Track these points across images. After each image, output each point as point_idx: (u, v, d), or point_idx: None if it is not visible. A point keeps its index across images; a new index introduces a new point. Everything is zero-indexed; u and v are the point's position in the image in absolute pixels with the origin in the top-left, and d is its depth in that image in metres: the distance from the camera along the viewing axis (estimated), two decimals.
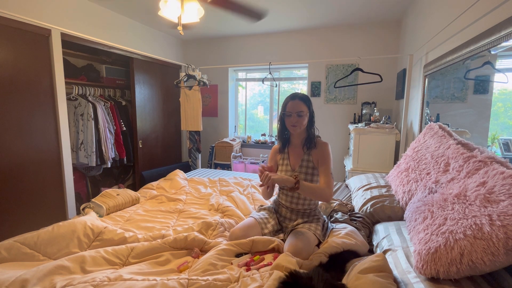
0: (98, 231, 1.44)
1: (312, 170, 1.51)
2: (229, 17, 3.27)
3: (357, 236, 1.35)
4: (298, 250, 1.24)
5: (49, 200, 2.62)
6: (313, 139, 1.54)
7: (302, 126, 1.50)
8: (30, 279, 1.02)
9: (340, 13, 3.14)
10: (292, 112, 1.48)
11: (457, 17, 1.67)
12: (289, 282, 0.89)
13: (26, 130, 2.41)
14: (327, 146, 1.52)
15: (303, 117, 1.48)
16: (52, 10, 2.57)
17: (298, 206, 1.53)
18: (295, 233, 1.37)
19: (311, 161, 1.52)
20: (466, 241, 0.82)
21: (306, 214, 1.53)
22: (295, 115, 1.47)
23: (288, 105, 1.50)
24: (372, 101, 3.42)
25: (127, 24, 3.38)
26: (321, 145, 1.53)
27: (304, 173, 1.51)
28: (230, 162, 3.95)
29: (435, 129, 1.60)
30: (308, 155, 1.53)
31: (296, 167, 1.54)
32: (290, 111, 1.48)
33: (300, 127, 1.50)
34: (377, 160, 2.70)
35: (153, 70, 3.78)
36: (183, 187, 2.35)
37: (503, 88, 1.48)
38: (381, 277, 0.93)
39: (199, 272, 1.12)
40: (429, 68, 2.07)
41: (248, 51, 4.10)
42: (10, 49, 2.27)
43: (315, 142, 1.53)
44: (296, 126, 1.48)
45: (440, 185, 1.19)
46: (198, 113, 3.64)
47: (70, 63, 3.19)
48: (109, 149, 3.23)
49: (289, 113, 1.48)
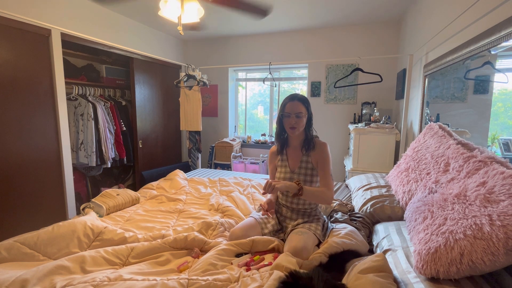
0: (98, 231, 1.44)
1: (311, 171, 1.51)
2: (229, 17, 3.27)
3: (357, 236, 1.35)
4: (298, 250, 1.24)
5: (49, 200, 2.62)
6: (311, 140, 1.53)
7: (301, 127, 1.50)
8: (30, 279, 1.02)
9: (340, 13, 3.14)
10: (291, 113, 1.47)
11: (457, 17, 1.67)
12: (289, 282, 0.89)
13: (26, 130, 2.41)
14: (326, 146, 1.52)
15: (301, 118, 1.47)
16: (52, 10, 2.57)
17: (298, 206, 1.53)
18: (295, 233, 1.37)
19: (310, 162, 1.52)
20: (466, 241, 0.82)
21: (307, 214, 1.53)
22: (293, 116, 1.46)
23: (287, 106, 1.49)
24: (372, 101, 3.42)
25: (127, 24, 3.38)
26: (320, 146, 1.52)
27: (304, 175, 1.51)
28: (230, 162, 3.95)
29: (435, 129, 1.60)
30: (307, 156, 1.53)
31: (295, 169, 1.53)
32: (289, 112, 1.47)
33: (299, 129, 1.49)
34: (377, 160, 2.70)
35: (153, 70, 3.78)
36: (183, 187, 2.35)
37: (503, 88, 1.48)
38: (381, 277, 0.93)
39: (199, 272, 1.12)
40: (429, 68, 2.07)
41: (248, 51, 4.10)
42: (10, 49, 2.27)
43: (313, 143, 1.53)
44: (294, 128, 1.48)
45: (440, 185, 1.19)
46: (198, 113, 3.64)
47: (70, 63, 3.19)
48: (109, 149, 3.23)
49: (287, 114, 1.48)
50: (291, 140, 1.59)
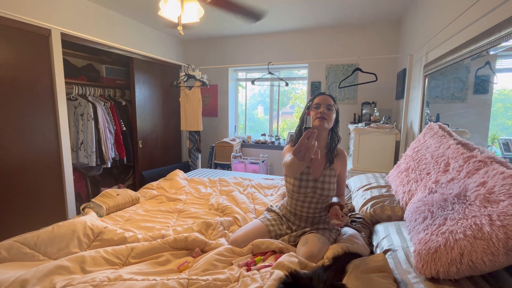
0: (98, 231, 1.44)
1: (333, 179, 1.44)
2: (229, 17, 3.27)
3: (358, 240, 1.34)
4: (314, 255, 1.21)
5: (49, 200, 2.62)
6: (336, 145, 1.46)
7: (330, 122, 1.38)
8: (30, 279, 1.02)
9: (340, 13, 3.14)
10: (321, 104, 1.37)
11: (457, 17, 1.67)
12: (289, 282, 0.89)
13: (26, 130, 2.41)
14: (345, 153, 1.53)
15: (331, 111, 1.38)
16: (52, 10, 2.57)
17: (315, 214, 1.47)
18: (313, 236, 1.33)
19: (333, 169, 1.44)
20: (466, 241, 0.82)
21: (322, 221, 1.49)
22: (324, 107, 1.36)
23: (316, 98, 1.40)
24: (372, 101, 3.42)
25: (127, 24, 3.38)
26: (342, 153, 1.50)
27: (328, 183, 1.42)
28: (230, 162, 3.95)
29: (435, 129, 1.60)
30: (331, 163, 1.44)
31: (319, 177, 1.42)
32: (319, 103, 1.37)
33: (328, 122, 1.37)
34: (377, 160, 2.70)
35: (153, 70, 3.78)
36: (183, 187, 2.35)
37: (503, 88, 1.48)
38: (381, 277, 0.93)
39: (199, 272, 1.11)
40: (429, 68, 2.07)
41: (248, 51, 4.10)
42: (10, 49, 2.27)
43: (337, 149, 1.47)
44: (324, 120, 1.34)
45: (440, 185, 1.19)
46: (198, 113, 3.64)
47: (70, 63, 3.19)
48: (109, 149, 3.23)
49: (317, 104, 1.37)
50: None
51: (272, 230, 1.47)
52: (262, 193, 2.32)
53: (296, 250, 1.32)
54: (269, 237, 1.44)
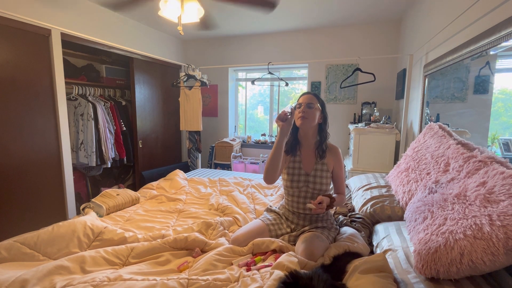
0: (98, 231, 1.44)
1: (326, 174, 1.48)
2: (229, 17, 3.28)
3: (358, 239, 1.34)
4: (315, 254, 1.22)
5: (49, 200, 2.62)
6: (324, 141, 1.51)
7: (311, 120, 1.45)
8: (30, 279, 1.02)
9: (340, 13, 3.14)
10: (302, 103, 1.45)
11: (457, 17, 1.67)
12: (289, 282, 0.89)
13: (26, 130, 2.41)
14: (339, 150, 1.54)
15: (313, 110, 1.44)
16: (52, 10, 2.57)
17: (306, 210, 1.48)
18: (308, 236, 1.33)
19: (325, 164, 1.49)
20: (466, 241, 0.82)
21: (319, 219, 1.50)
22: (304, 105, 1.44)
23: (300, 98, 1.49)
24: (372, 101, 3.42)
25: (127, 24, 3.38)
26: (334, 149, 1.52)
27: (319, 177, 1.47)
28: (230, 162, 3.94)
29: (435, 129, 1.60)
30: (322, 158, 1.50)
31: (311, 171, 1.48)
32: (301, 102, 1.46)
33: (309, 121, 1.44)
34: (377, 160, 2.70)
35: (153, 70, 3.78)
36: (183, 187, 2.35)
37: (503, 88, 1.48)
38: (381, 277, 0.92)
39: (199, 272, 1.11)
40: (429, 68, 2.07)
41: (248, 51, 4.10)
42: (10, 49, 2.27)
43: (326, 145, 1.52)
44: (304, 118, 1.43)
45: (440, 185, 1.19)
46: (198, 113, 3.64)
47: (70, 63, 3.19)
48: (109, 149, 3.23)
49: (299, 104, 1.46)
50: (302, 139, 1.53)
51: (273, 229, 1.49)
52: (262, 193, 2.32)
53: (295, 248, 1.33)
54: (270, 237, 1.44)
